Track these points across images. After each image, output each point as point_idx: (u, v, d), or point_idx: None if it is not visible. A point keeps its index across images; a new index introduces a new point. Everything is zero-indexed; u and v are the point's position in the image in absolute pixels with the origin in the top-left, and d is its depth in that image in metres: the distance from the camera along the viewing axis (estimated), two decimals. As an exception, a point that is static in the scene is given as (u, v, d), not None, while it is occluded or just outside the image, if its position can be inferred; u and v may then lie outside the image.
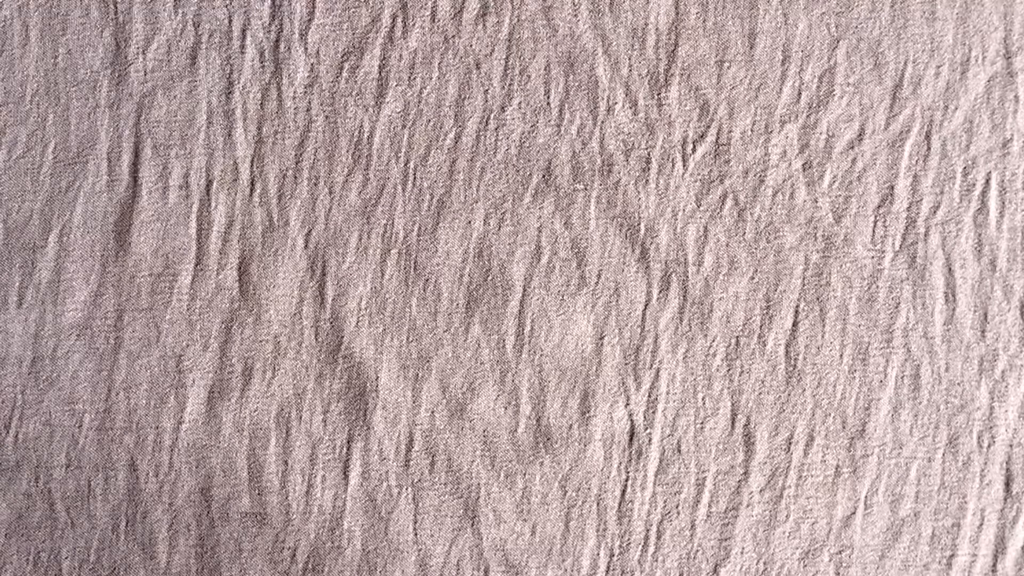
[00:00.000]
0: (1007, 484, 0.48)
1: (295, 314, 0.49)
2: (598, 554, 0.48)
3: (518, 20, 0.49)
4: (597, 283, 0.48)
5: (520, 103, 0.49)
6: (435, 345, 0.48)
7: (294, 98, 0.49)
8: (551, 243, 0.49)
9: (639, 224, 0.48)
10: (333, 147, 0.49)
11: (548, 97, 0.49)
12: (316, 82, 0.49)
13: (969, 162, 0.48)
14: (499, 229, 0.49)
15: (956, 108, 0.49)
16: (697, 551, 0.48)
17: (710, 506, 0.48)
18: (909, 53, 0.49)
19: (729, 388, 0.48)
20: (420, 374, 0.48)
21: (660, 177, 0.49)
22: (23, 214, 0.50)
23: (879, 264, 0.48)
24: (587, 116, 0.49)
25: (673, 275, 0.48)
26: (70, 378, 0.49)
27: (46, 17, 0.50)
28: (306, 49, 0.49)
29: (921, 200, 0.48)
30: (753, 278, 0.48)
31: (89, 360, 0.49)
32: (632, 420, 0.48)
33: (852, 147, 0.49)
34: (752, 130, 0.49)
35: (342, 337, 0.48)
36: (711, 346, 0.48)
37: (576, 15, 0.49)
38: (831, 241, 0.48)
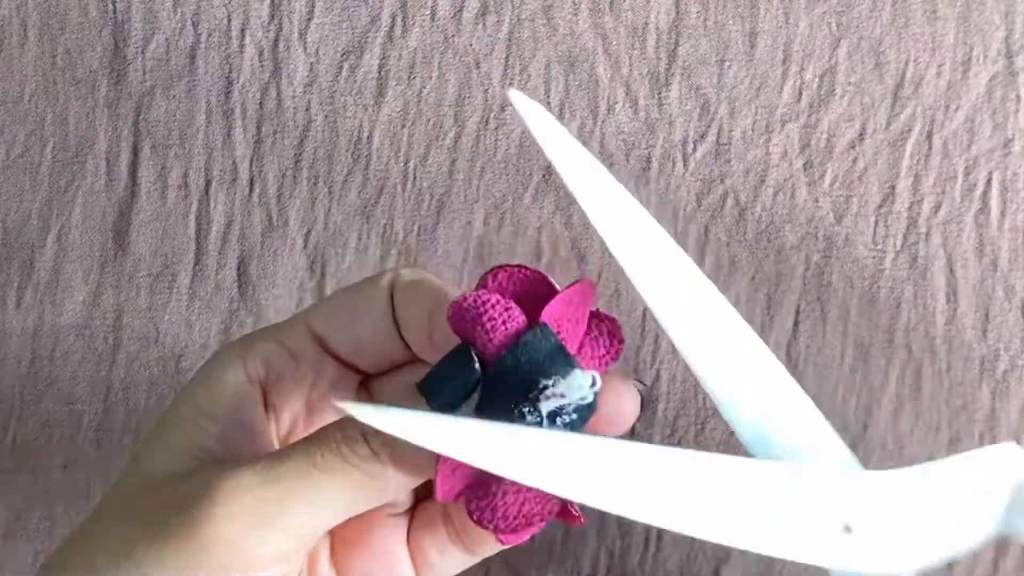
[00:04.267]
0: (1008, 485, 0.48)
1: (294, 314, 0.49)
2: (599, 556, 0.48)
3: (518, 20, 0.49)
4: (597, 283, 0.48)
5: (520, 103, 0.49)
6: (435, 345, 0.48)
7: (293, 97, 0.49)
8: (551, 243, 0.48)
9: (639, 224, 0.48)
10: (332, 147, 0.49)
11: (548, 97, 0.49)
12: (315, 81, 0.49)
13: (971, 162, 0.48)
14: (499, 229, 0.49)
15: (957, 108, 0.48)
16: (698, 552, 0.48)
17: (711, 507, 0.48)
18: (910, 52, 0.49)
19: (730, 388, 0.48)
20: (420, 374, 0.48)
21: (661, 177, 0.49)
22: (21, 214, 0.49)
23: (880, 264, 0.48)
24: (587, 115, 0.49)
25: (674, 275, 0.48)
26: (69, 378, 0.49)
27: (44, 16, 0.50)
28: (305, 48, 0.49)
29: (922, 200, 0.48)
30: (754, 278, 0.48)
31: (88, 360, 0.49)
32: (632, 420, 0.48)
33: (853, 147, 0.48)
34: (753, 129, 0.49)
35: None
36: (712, 346, 0.48)
37: (576, 14, 0.49)
38: (832, 241, 0.48)
